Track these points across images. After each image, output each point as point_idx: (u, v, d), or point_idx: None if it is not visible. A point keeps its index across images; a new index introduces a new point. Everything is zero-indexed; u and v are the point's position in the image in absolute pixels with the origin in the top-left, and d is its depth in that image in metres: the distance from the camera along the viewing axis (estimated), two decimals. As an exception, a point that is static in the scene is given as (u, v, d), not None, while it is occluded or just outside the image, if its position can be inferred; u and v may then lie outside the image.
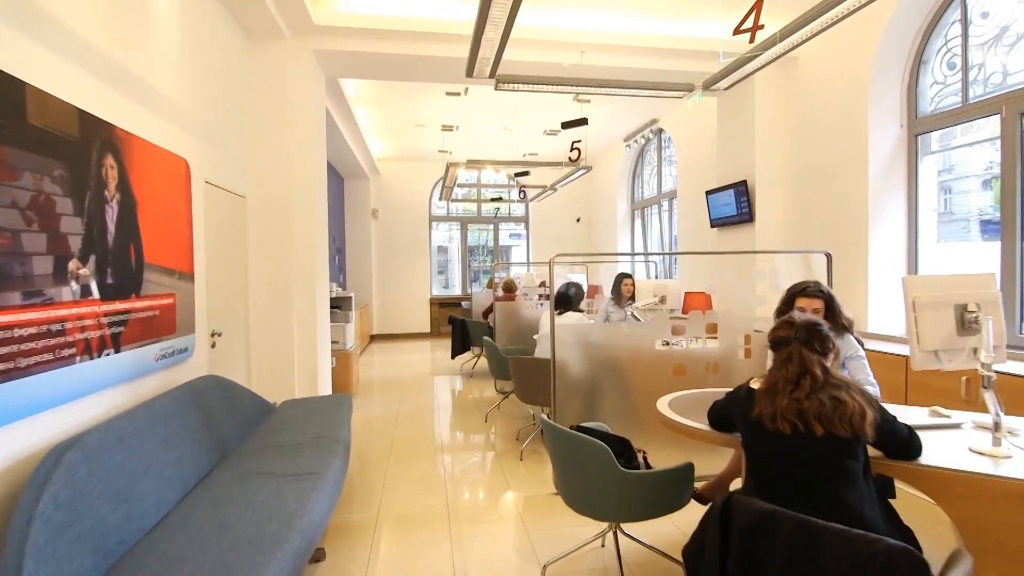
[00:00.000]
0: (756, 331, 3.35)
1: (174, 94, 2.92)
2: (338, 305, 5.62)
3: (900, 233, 4.26)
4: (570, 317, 3.86)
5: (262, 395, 4.06)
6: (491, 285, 9.01)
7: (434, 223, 10.64)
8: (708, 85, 3.62)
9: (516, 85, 3.55)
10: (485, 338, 4.61)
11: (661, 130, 7.82)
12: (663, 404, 2.34)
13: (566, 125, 4.58)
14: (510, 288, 6.13)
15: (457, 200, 10.25)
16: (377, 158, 9.64)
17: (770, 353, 1.74)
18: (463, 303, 9.94)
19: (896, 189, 4.25)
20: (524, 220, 11.04)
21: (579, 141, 4.67)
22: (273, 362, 4.12)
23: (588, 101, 6.38)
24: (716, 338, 3.31)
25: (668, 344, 3.39)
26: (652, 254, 6.94)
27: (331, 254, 8.43)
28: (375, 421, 4.67)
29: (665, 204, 7.91)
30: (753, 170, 5.03)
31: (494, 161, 6.21)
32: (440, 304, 10.42)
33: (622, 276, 4.79)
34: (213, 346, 3.34)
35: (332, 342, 5.27)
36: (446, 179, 7.25)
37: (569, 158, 4.66)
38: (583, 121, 4.47)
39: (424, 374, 6.75)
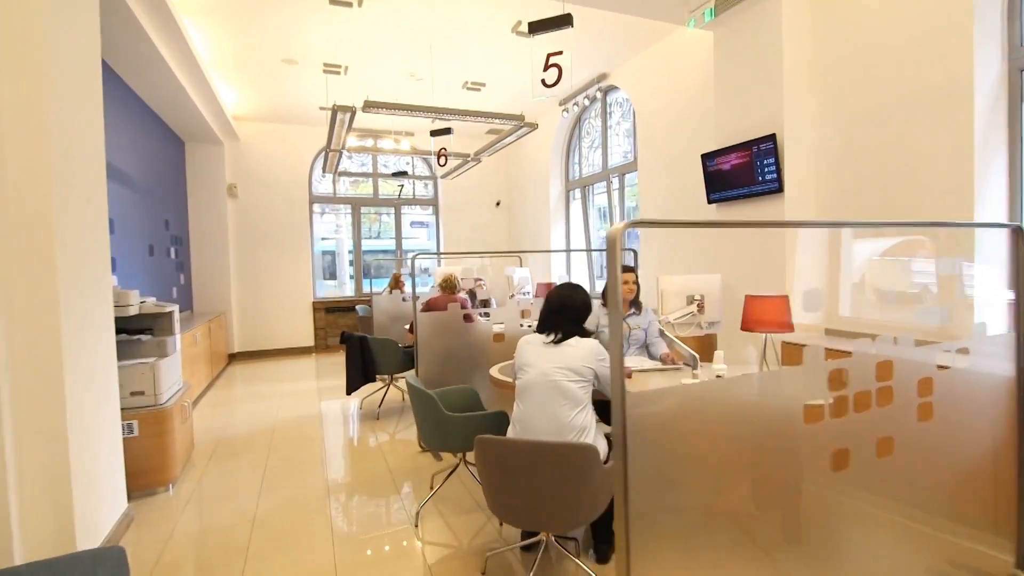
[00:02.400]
0: (942, 368, 1.85)
1: None
2: (148, 328, 3.35)
3: (1000, 202, 3.06)
4: (581, 349, 2.11)
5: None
6: (396, 284, 7.01)
7: (317, 205, 8.30)
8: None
9: None
10: (410, 381, 2.69)
11: (611, 88, 6.32)
12: None
13: (537, 26, 2.80)
14: (451, 287, 4.19)
15: (348, 174, 8.00)
16: (233, 115, 7.12)
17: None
18: (357, 307, 7.78)
19: (996, 142, 3.04)
20: (433, 204, 9.07)
21: (559, 54, 2.90)
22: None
23: (528, 36, 4.65)
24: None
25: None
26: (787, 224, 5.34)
27: (163, 245, 5.89)
28: (203, 549, 2.57)
29: (615, 181, 6.44)
30: (781, 120, 3.62)
31: (404, 105, 4.26)
32: (327, 309, 8.14)
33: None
34: None
35: (134, 393, 3.03)
36: (333, 137, 5.12)
37: (543, 81, 2.89)
38: (565, 20, 2.73)
39: (305, 420, 4.61)
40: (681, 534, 1.46)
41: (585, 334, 2.20)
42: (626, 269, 3.12)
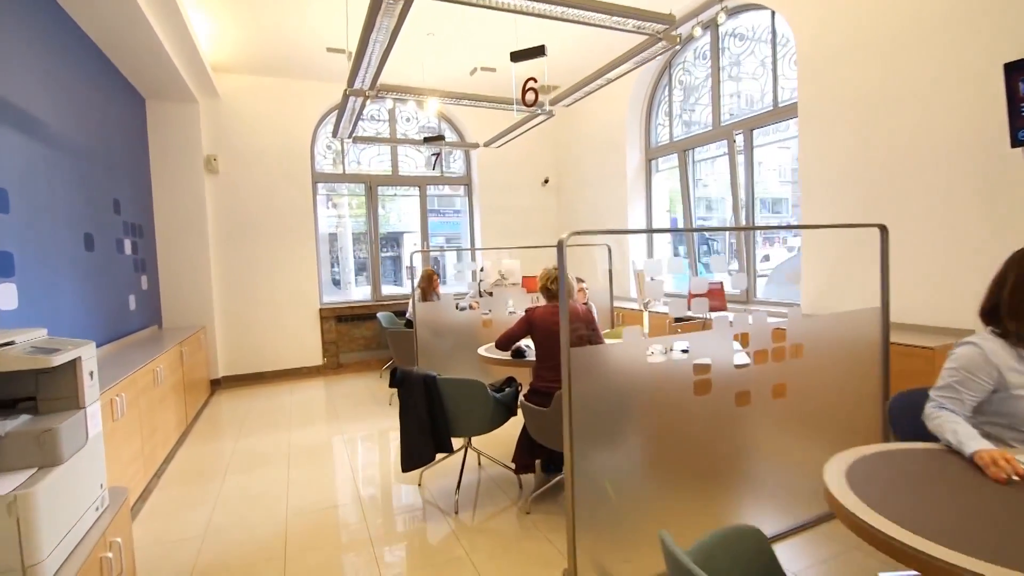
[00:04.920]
0: None
1: None
2: (25, 398, 1.58)
3: None
4: None
5: None
6: (431, 283, 5.28)
7: (321, 185, 6.49)
8: None
9: None
10: (674, 550, 1.00)
11: (738, 9, 4.58)
12: None
13: None
14: (559, 290, 2.44)
15: (364, 140, 6.18)
16: (212, 63, 5.29)
17: None
18: (379, 316, 6.03)
19: None
20: (465, 183, 7.29)
21: None
22: None
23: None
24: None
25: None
26: None
27: (111, 235, 3.99)
28: None
29: (739, 141, 4.71)
30: None
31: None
32: (338, 318, 6.35)
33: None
34: None
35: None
36: (364, 59, 3.33)
37: None
38: None
39: (335, 517, 2.86)
40: None
41: None
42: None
